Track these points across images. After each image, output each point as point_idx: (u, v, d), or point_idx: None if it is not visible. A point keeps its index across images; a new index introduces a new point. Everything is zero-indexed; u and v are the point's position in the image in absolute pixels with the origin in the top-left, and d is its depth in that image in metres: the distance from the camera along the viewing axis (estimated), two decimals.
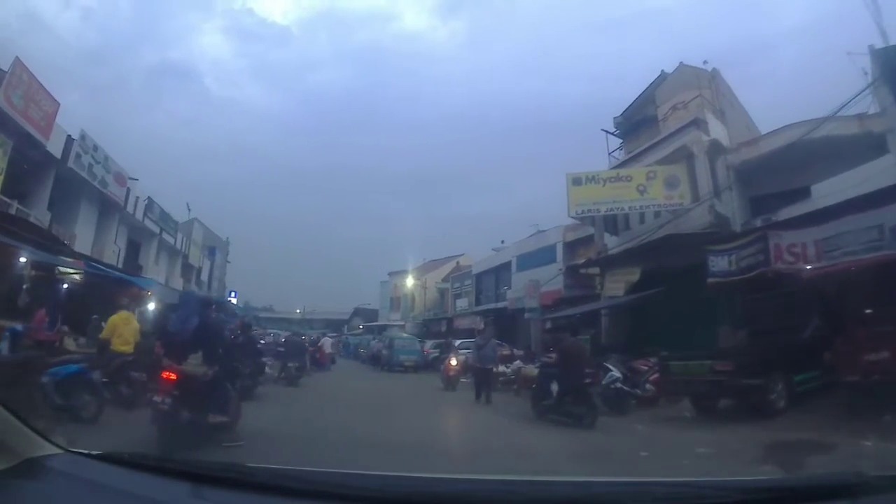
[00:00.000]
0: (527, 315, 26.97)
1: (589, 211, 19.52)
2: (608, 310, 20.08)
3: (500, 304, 33.71)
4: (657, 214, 19.67)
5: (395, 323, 50.11)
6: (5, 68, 15.96)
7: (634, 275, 18.24)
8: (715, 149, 17.76)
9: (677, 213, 18.34)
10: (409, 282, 51.28)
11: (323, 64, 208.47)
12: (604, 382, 11.74)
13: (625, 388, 11.89)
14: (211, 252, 43.98)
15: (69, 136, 18.90)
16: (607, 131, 23.66)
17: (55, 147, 18.15)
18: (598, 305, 20.02)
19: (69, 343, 13.34)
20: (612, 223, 22.00)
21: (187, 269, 36.15)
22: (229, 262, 54.04)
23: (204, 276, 40.97)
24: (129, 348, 9.91)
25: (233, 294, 48.57)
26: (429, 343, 31.99)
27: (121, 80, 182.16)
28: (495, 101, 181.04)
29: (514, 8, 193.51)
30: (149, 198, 26.57)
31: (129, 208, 24.27)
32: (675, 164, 18.69)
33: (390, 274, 57.82)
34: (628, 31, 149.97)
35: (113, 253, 22.79)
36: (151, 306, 17.07)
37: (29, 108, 16.86)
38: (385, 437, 8.59)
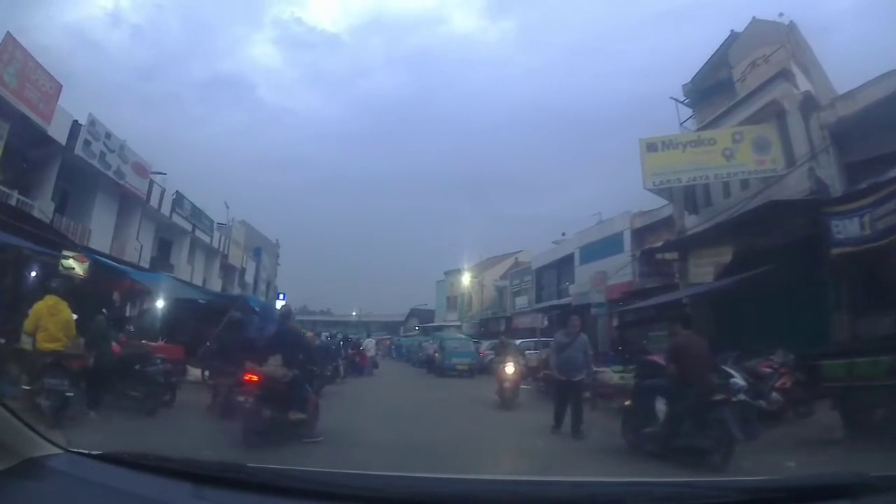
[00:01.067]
0: (593, 311, 24.37)
1: (668, 181, 16.36)
2: (691, 300, 16.83)
3: (563, 301, 30.84)
4: (744, 185, 16.58)
5: (451, 323, 47.64)
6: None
7: (725, 256, 15.00)
8: (808, 104, 14.56)
9: (770, 180, 15.27)
10: (466, 280, 48.65)
11: (375, 70, 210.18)
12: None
13: (749, 400, 8.21)
14: (256, 253, 42.51)
15: (75, 121, 17.15)
16: (676, 100, 20.34)
17: (59, 133, 16.41)
18: (685, 293, 16.45)
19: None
20: (691, 200, 18.70)
21: (228, 270, 34.60)
22: (279, 265, 52.83)
23: (249, 278, 39.36)
24: (57, 346, 7.58)
25: (281, 296, 46.97)
26: (485, 344, 29.23)
27: (174, 93, 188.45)
28: (547, 100, 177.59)
29: (564, 5, 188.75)
30: (177, 192, 24.92)
31: (154, 203, 22.60)
32: (763, 124, 15.62)
33: (446, 273, 55.32)
34: (679, 22, 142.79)
35: (135, 250, 21.08)
36: (161, 303, 14.96)
37: (25, 88, 15.16)
38: None
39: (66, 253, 14.59)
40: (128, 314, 14.00)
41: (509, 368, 13.67)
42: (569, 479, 2.60)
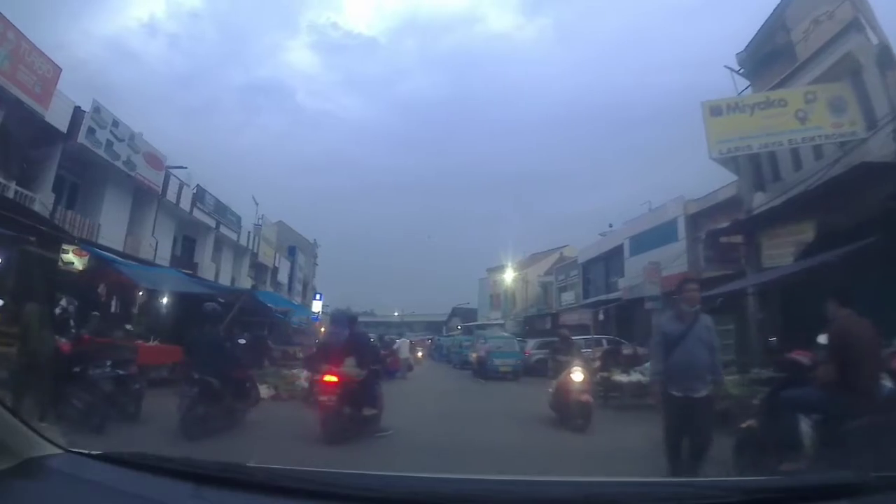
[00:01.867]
0: (647, 305, 22.39)
1: (736, 148, 14.13)
2: (758, 289, 14.57)
3: (612, 295, 28.69)
4: (817, 155, 14.43)
5: (494, 322, 45.68)
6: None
7: (806, 233, 12.70)
8: (885, 57, 12.53)
9: (848, 146, 13.13)
10: (509, 277, 46.66)
11: (413, 72, 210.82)
12: None
13: None
14: (290, 252, 41.42)
15: (77, 107, 15.97)
16: (732, 69, 18.03)
17: (59, 120, 15.24)
18: (771, 276, 13.56)
19: None
20: (756, 175, 16.37)
21: (260, 269, 33.44)
22: (317, 265, 51.83)
23: (283, 278, 38.19)
24: None
25: (318, 296, 45.95)
26: (531, 343, 27.18)
27: (214, 100, 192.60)
28: (586, 96, 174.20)
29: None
30: (198, 187, 23.75)
31: (171, 197, 21.39)
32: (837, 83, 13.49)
33: (489, 270, 53.44)
34: (718, 9, 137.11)
35: (150, 247, 19.89)
36: (166, 300, 13.53)
37: (18, 71, 14.00)
38: None
39: (64, 247, 13.53)
40: (116, 310, 12.47)
41: (578, 376, 9.75)
42: (569, 479, 2.59)
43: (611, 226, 35.51)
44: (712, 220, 21.22)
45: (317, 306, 44.57)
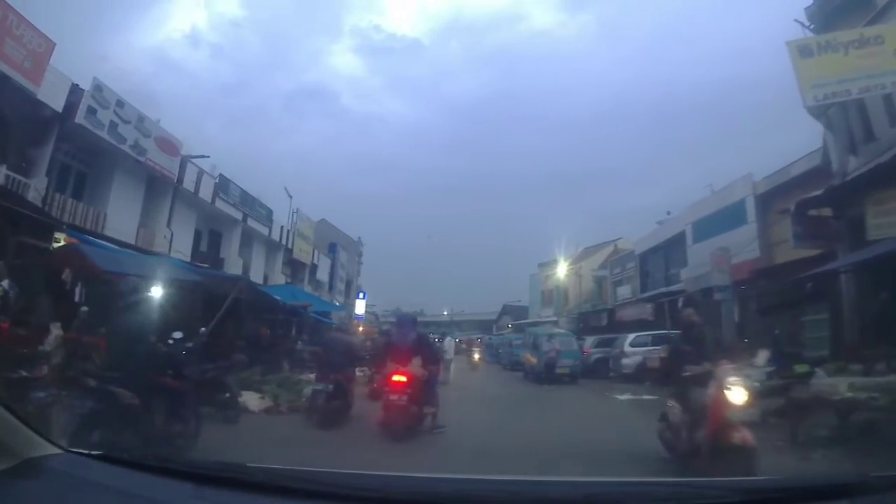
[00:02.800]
0: (716, 296, 19.79)
1: (834, 94, 11.50)
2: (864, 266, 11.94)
3: (674, 288, 26.06)
4: None
5: (546, 319, 43.24)
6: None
7: None
8: None
9: None
10: (562, 272, 44.01)
11: (458, 72, 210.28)
12: None
13: None
14: (331, 249, 40.02)
15: (75, 84, 14.66)
16: (802, 23, 15.35)
17: (54, 98, 13.97)
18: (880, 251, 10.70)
19: None
20: (846, 134, 13.71)
21: (296, 267, 32.09)
22: (361, 264, 50.51)
23: (322, 276, 36.75)
24: None
25: (362, 295, 44.55)
26: (589, 340, 24.84)
27: (259, 107, 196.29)
28: (632, 91, 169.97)
29: None
30: (220, 175, 22.35)
31: (189, 186, 20.05)
32: None
33: (540, 265, 50.90)
34: None
35: (164, 238, 18.54)
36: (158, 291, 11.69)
37: (3, 44, 12.71)
38: None
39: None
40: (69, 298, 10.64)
41: (738, 395, 5.31)
42: (569, 479, 2.70)
43: (669, 213, 33.07)
44: (787, 198, 18.64)
45: (360, 306, 43.21)
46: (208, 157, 22.72)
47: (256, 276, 24.41)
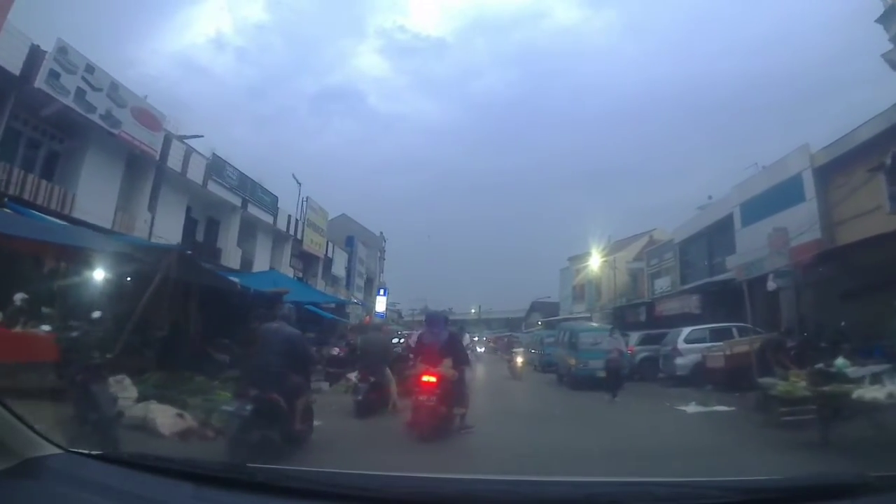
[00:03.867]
0: (775, 283, 17.80)
1: None
2: None
3: (720, 277, 23.36)
4: None
5: (578, 315, 40.64)
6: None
7: None
8: None
9: None
10: (595, 265, 41.21)
11: (484, 70, 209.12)
12: None
13: None
14: (348, 242, 38.04)
15: (35, 45, 12.83)
16: None
17: (9, 59, 12.19)
18: None
19: None
20: None
21: (307, 260, 30.10)
22: (384, 260, 48.58)
23: (339, 271, 34.72)
24: None
25: (382, 291, 42.55)
26: (633, 337, 21.62)
27: (287, 109, 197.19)
28: (658, 86, 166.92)
29: None
30: (213, 154, 20.41)
31: (175, 165, 18.13)
32: None
33: (570, 259, 48.22)
34: None
35: (145, 223, 16.67)
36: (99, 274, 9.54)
37: None
38: None
39: None
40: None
41: None
42: (569, 479, 2.54)
43: (710, 197, 30.36)
44: (851, 169, 16.17)
45: (381, 303, 41.28)
46: (202, 136, 21.03)
47: (260, 267, 22.40)
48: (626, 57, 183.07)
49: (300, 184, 28.35)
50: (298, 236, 27.93)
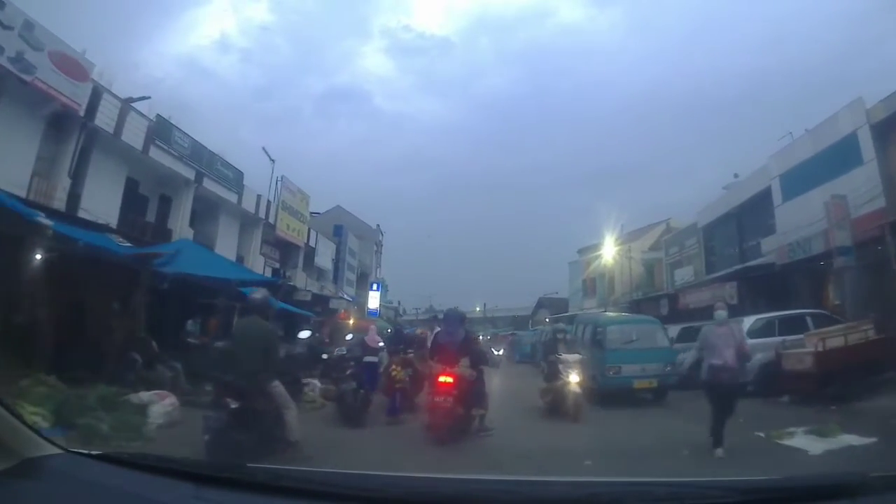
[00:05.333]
0: (840, 260, 14.48)
1: None
2: None
3: (758, 262, 20.33)
4: None
5: (590, 311, 37.21)
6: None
7: None
8: None
9: None
10: (607, 255, 37.68)
11: (489, 69, 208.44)
12: None
13: None
14: (337, 232, 34.82)
15: None
16: None
17: None
18: None
19: None
20: None
21: (286, 248, 26.90)
22: (380, 254, 45.53)
23: (324, 262, 31.38)
24: None
25: (375, 286, 39.40)
26: (672, 330, 15.70)
27: (292, 109, 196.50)
28: (665, 84, 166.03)
29: None
30: (158, 116, 17.19)
31: (106, 125, 14.89)
32: None
33: (580, 251, 44.68)
34: None
35: (63, 189, 13.55)
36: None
37: None
38: None
39: None
40: None
41: None
42: (569, 479, 2.65)
43: (736, 175, 27.07)
44: None
45: (373, 298, 38.09)
46: (149, 97, 17.90)
47: (223, 254, 19.05)
48: (632, 55, 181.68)
49: (273, 161, 24.98)
50: (272, 220, 24.58)
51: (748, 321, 13.48)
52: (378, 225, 47.35)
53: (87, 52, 14.44)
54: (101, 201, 14.86)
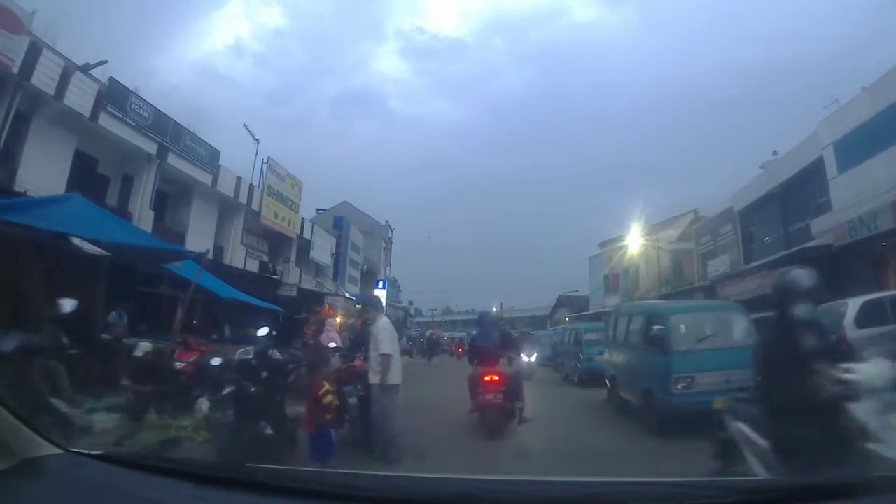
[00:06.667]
0: None
1: None
2: None
3: (810, 245, 17.48)
4: None
5: (609, 310, 34.33)
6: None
7: None
8: None
9: None
10: (632, 247, 34.50)
11: (503, 69, 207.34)
12: None
13: None
14: (337, 224, 32.42)
15: None
16: None
17: None
18: None
19: None
20: None
21: (276, 240, 24.55)
22: (388, 251, 43.25)
23: (323, 258, 28.86)
24: None
25: (381, 284, 37.02)
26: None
27: (307, 113, 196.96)
28: (678, 81, 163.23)
29: None
30: (111, 79, 14.90)
31: (45, 85, 12.64)
32: None
33: (601, 245, 41.79)
34: None
35: None
36: None
37: None
38: None
39: None
40: None
41: None
42: (569, 479, 2.60)
43: (775, 153, 24.25)
44: None
45: (379, 297, 35.64)
46: (106, 62, 15.56)
47: (196, 244, 16.57)
48: (644, 52, 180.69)
49: (258, 140, 22.56)
50: (258, 208, 22.04)
51: (854, 305, 10.31)
52: (387, 221, 45.08)
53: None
54: (43, 176, 12.53)
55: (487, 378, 8.52)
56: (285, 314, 14.54)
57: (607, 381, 11.87)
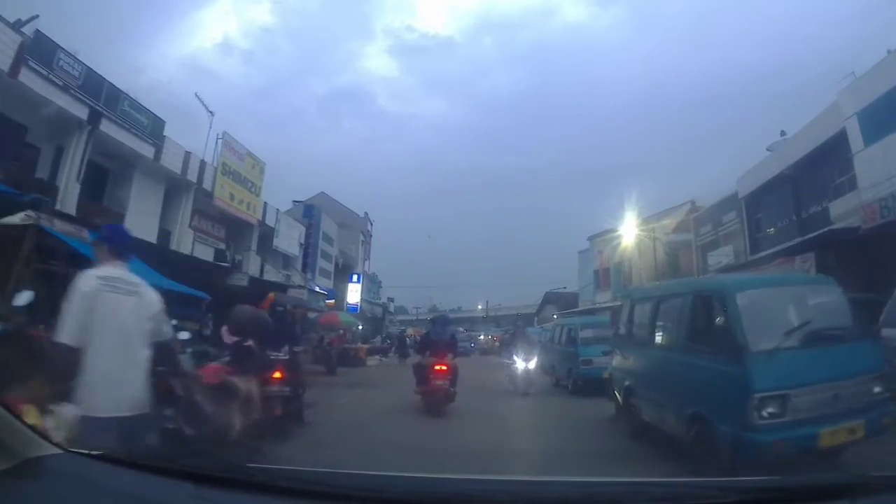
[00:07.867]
0: None
1: None
2: None
3: (835, 227, 15.72)
4: None
5: (604, 306, 32.41)
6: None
7: None
8: None
9: None
10: (627, 240, 32.29)
11: (493, 68, 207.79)
12: None
13: None
14: (306, 213, 30.14)
15: None
16: None
17: None
18: None
19: None
20: None
21: (233, 225, 22.19)
22: (366, 244, 41.13)
23: (288, 246, 26.40)
24: None
25: (356, 278, 34.93)
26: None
27: (295, 110, 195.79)
28: (669, 80, 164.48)
29: None
30: (37, 31, 12.74)
31: None
32: None
33: (591, 239, 39.55)
34: None
35: None
36: None
37: None
38: None
39: None
40: None
41: None
42: (569, 479, 2.50)
43: (783, 133, 22.30)
44: None
45: (353, 291, 33.50)
46: (37, 16, 13.50)
47: (139, 226, 14.17)
48: (635, 52, 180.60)
49: (212, 113, 20.12)
50: (208, 187, 19.53)
51: None
52: (366, 213, 42.80)
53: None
54: None
55: (438, 367, 10.42)
56: (215, 302, 12.38)
57: (616, 393, 8.78)
